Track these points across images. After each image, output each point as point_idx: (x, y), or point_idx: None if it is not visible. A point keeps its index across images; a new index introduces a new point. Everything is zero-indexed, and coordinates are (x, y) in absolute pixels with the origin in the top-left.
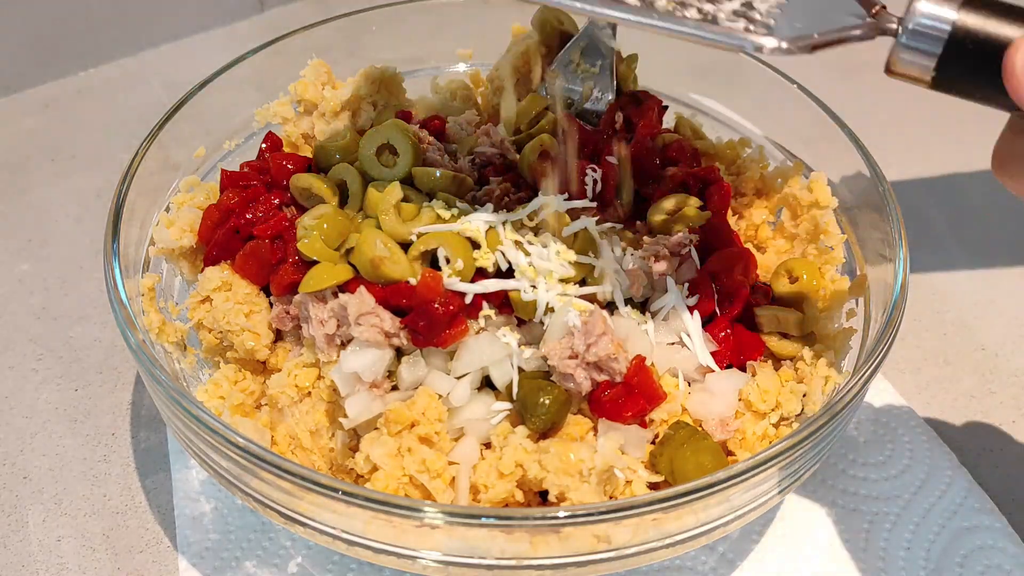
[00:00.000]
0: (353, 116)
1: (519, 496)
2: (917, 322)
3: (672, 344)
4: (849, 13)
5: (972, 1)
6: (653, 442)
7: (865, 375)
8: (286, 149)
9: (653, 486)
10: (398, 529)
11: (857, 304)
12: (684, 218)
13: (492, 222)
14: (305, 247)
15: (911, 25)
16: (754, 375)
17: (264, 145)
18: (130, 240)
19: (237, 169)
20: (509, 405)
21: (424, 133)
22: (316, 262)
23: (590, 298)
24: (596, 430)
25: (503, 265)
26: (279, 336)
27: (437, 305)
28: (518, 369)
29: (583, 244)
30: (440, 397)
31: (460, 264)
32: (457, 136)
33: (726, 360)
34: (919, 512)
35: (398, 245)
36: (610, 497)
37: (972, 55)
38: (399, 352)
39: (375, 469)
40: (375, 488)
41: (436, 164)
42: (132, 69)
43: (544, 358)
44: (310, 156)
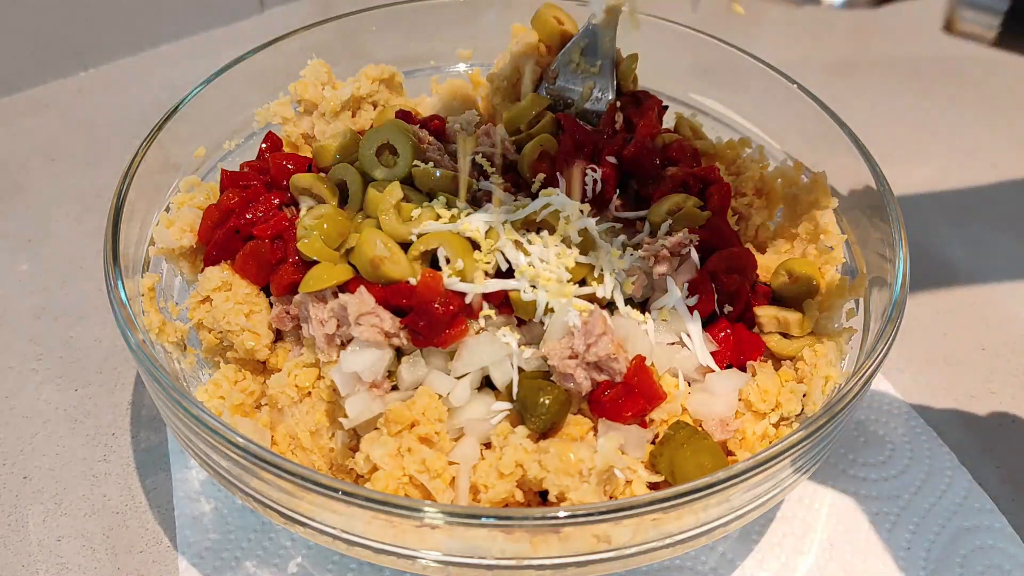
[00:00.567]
0: (353, 116)
1: (519, 496)
2: (917, 322)
3: (672, 344)
4: None
5: None
6: (653, 442)
7: (865, 375)
8: (286, 149)
9: (653, 486)
10: (398, 529)
11: (857, 304)
12: (684, 218)
13: (492, 222)
14: (305, 247)
15: None
16: (754, 375)
17: (264, 145)
18: (130, 240)
19: (237, 169)
20: (509, 405)
21: (424, 133)
22: (316, 262)
23: (590, 298)
24: (596, 430)
25: (503, 265)
26: (279, 336)
27: (437, 305)
28: (518, 369)
29: (583, 244)
30: (440, 397)
31: (460, 264)
32: (457, 136)
33: (726, 360)
34: (919, 512)
35: (398, 245)
36: (610, 497)
37: None
38: (399, 352)
39: (375, 469)
40: (375, 488)
41: (436, 164)
42: (132, 69)
43: (544, 358)
44: (310, 156)
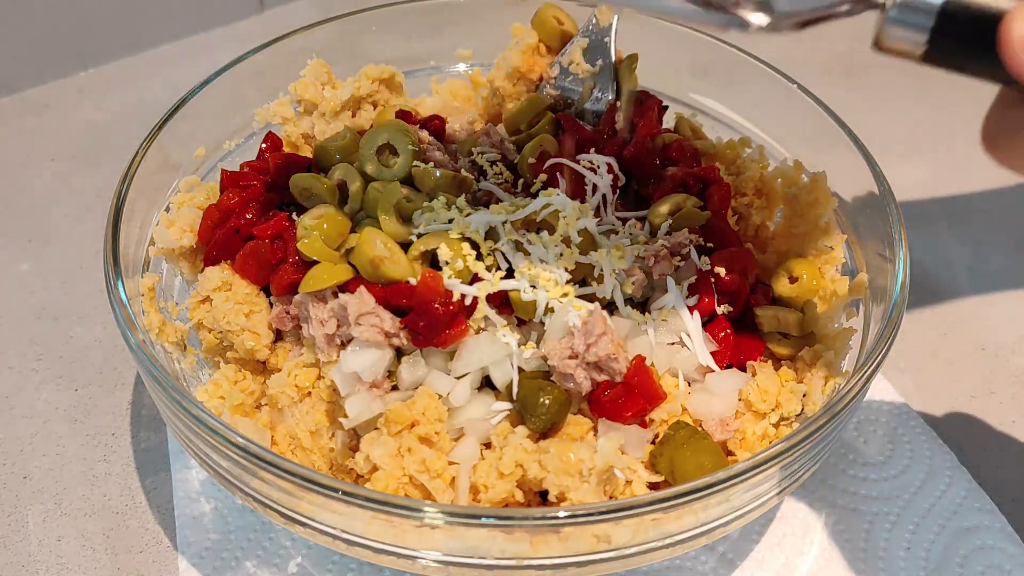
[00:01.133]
0: (353, 116)
1: (519, 496)
2: (917, 322)
3: (672, 344)
4: None
5: None
6: (653, 442)
7: (865, 375)
8: (286, 149)
9: (653, 486)
10: (398, 529)
11: (857, 304)
12: (684, 218)
13: (492, 222)
14: (305, 247)
15: None
16: (754, 375)
17: (264, 145)
18: (130, 240)
19: (237, 169)
20: (509, 405)
21: (424, 133)
22: (316, 262)
23: (590, 298)
24: (596, 430)
25: (503, 265)
26: (279, 336)
27: (437, 305)
28: (518, 369)
29: (583, 244)
30: (440, 397)
31: (460, 264)
32: (457, 136)
33: (726, 360)
34: (919, 512)
35: (398, 245)
36: (610, 497)
37: (965, 27)
38: (399, 352)
39: (375, 469)
40: (375, 488)
41: (436, 164)
42: (132, 69)
43: (544, 358)
44: (310, 156)
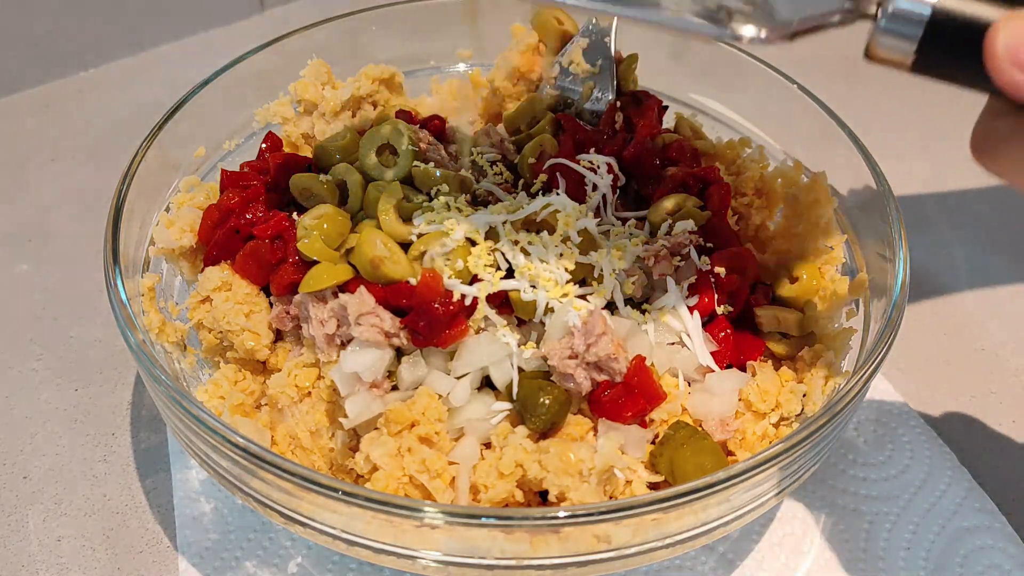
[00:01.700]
0: (353, 116)
1: (519, 496)
2: (917, 322)
3: (672, 344)
4: None
5: None
6: (653, 442)
7: (865, 375)
8: (286, 149)
9: (653, 486)
10: (398, 529)
11: (857, 304)
12: (684, 218)
13: (492, 222)
14: (305, 247)
15: (891, 9)
16: (754, 375)
17: (264, 145)
18: (130, 240)
19: (237, 169)
20: (509, 405)
21: (424, 133)
22: (316, 262)
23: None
24: (596, 430)
25: (503, 265)
26: (279, 336)
27: (437, 305)
28: (518, 369)
29: (583, 244)
30: (440, 397)
31: (460, 264)
32: (457, 136)
33: (726, 360)
34: (919, 512)
35: (398, 245)
36: (610, 497)
37: (953, 38)
38: (399, 352)
39: (375, 469)
40: (375, 488)
41: (436, 164)
42: (132, 69)
43: (544, 358)
44: (310, 156)
